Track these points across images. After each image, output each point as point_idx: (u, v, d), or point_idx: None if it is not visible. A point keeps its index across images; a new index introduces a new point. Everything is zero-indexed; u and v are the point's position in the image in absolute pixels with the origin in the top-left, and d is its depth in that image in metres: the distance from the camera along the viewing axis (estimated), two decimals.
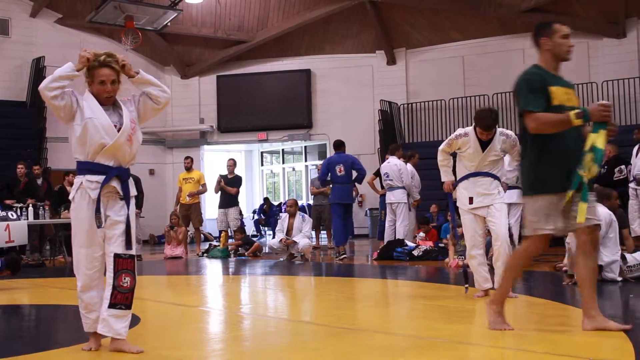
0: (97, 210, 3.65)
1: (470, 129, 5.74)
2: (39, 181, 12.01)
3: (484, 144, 5.65)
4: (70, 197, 3.77)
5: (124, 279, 3.68)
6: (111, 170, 3.71)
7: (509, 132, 5.84)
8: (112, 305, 3.67)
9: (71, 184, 11.55)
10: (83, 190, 3.68)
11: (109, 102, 3.82)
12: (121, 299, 3.68)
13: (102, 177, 3.68)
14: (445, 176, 6.04)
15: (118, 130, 3.71)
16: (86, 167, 3.71)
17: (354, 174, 10.88)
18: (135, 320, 4.87)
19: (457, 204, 5.91)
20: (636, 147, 10.83)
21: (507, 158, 6.39)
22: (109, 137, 3.68)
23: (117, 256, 3.68)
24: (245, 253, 11.72)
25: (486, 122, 5.58)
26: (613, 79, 15.39)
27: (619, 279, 6.44)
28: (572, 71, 16.04)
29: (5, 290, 7.13)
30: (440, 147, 5.99)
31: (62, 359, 3.75)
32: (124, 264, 3.70)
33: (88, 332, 3.82)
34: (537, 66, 4.27)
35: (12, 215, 10.03)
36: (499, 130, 5.72)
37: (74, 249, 3.73)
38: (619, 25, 15.75)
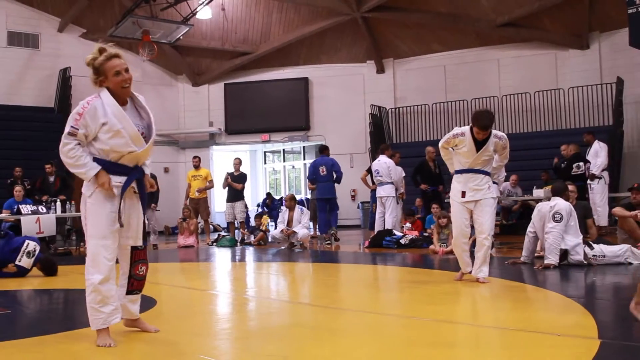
0: (120, 210, 3.45)
1: (466, 129, 5.57)
2: (52, 178, 11.94)
3: (479, 144, 5.50)
4: (87, 194, 3.45)
5: (140, 268, 3.61)
6: (132, 172, 3.49)
7: (501, 134, 5.69)
8: (129, 292, 3.61)
9: None
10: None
11: (127, 95, 3.47)
12: (137, 285, 3.63)
13: (123, 177, 3.45)
14: (452, 169, 5.82)
15: (142, 135, 3.46)
16: (108, 168, 3.40)
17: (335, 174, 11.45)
18: (152, 303, 4.87)
19: (450, 194, 5.78)
20: (588, 149, 11.23)
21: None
22: (136, 145, 3.41)
23: (134, 248, 3.58)
24: (251, 242, 11.72)
25: (484, 122, 5.43)
26: (577, 85, 15.41)
27: (585, 262, 6.45)
28: (542, 78, 16.20)
29: (36, 277, 7.12)
30: (440, 144, 5.79)
31: (88, 338, 3.73)
32: (140, 255, 3.61)
33: (99, 329, 3.43)
34: None
35: (42, 209, 10.03)
36: (492, 132, 5.57)
37: (91, 241, 3.40)
38: (583, 38, 15.78)
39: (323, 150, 11.74)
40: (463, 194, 5.57)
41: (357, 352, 3.22)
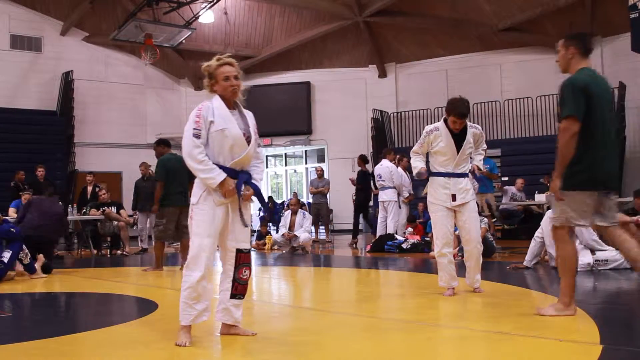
0: (242, 214, 3.54)
1: (440, 124, 5.26)
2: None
3: (456, 137, 5.17)
4: (194, 201, 3.50)
5: (244, 272, 3.61)
6: (239, 176, 3.54)
7: (476, 125, 5.48)
8: (232, 296, 3.62)
9: (89, 183, 11.48)
10: (208, 191, 3.48)
11: (234, 98, 3.64)
12: (241, 289, 3.63)
13: (232, 181, 3.49)
14: (418, 164, 5.36)
15: (245, 137, 3.55)
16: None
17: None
18: (153, 306, 4.87)
19: (429, 199, 5.28)
20: None
21: None
22: (238, 146, 3.52)
23: (239, 251, 3.58)
24: (252, 246, 11.73)
25: (460, 110, 5.09)
26: None
27: (591, 267, 6.43)
28: (544, 83, 16.17)
29: (37, 279, 7.12)
30: (413, 150, 5.42)
31: (89, 341, 3.73)
32: (244, 258, 3.61)
33: (184, 326, 3.51)
34: None
35: None
36: (467, 123, 5.27)
37: (196, 240, 3.45)
38: None
39: None
40: (454, 197, 5.15)
41: (358, 357, 3.22)
